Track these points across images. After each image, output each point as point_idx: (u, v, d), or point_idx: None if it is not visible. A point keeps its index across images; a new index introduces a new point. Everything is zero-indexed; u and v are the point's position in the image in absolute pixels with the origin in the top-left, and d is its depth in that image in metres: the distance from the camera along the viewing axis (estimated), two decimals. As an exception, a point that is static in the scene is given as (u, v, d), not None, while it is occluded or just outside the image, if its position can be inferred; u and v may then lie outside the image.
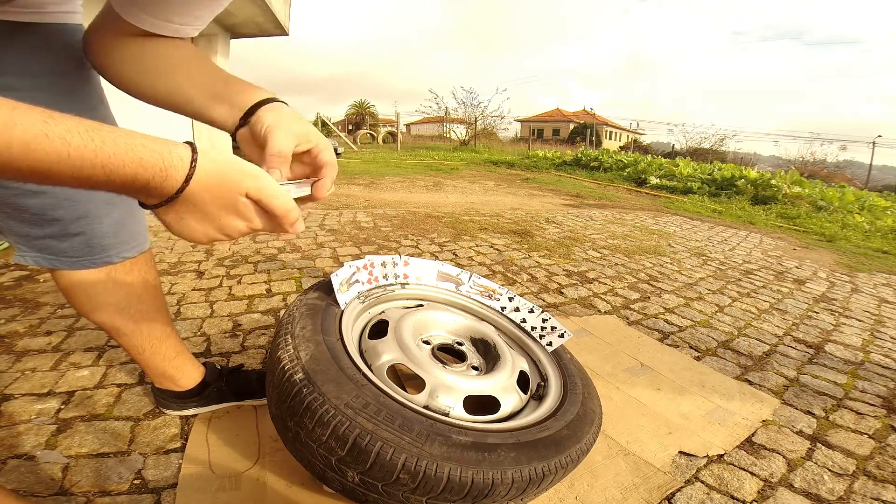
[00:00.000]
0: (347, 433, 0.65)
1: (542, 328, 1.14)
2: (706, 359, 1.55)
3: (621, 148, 23.85)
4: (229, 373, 1.10)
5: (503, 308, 1.22)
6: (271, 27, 5.46)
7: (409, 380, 1.15)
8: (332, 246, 2.59)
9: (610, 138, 37.14)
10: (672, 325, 1.81)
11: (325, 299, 0.92)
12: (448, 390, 0.83)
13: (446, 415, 0.80)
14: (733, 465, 1.05)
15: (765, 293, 2.30)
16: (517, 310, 1.20)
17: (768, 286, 2.43)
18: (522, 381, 0.97)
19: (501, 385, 0.89)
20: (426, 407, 0.80)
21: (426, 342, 1.02)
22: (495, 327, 1.15)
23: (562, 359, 1.05)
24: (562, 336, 1.09)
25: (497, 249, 2.72)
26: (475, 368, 1.00)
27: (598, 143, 25.91)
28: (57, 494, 0.83)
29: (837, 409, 1.32)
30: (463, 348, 1.05)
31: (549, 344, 1.09)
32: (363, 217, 3.42)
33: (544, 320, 1.15)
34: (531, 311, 1.19)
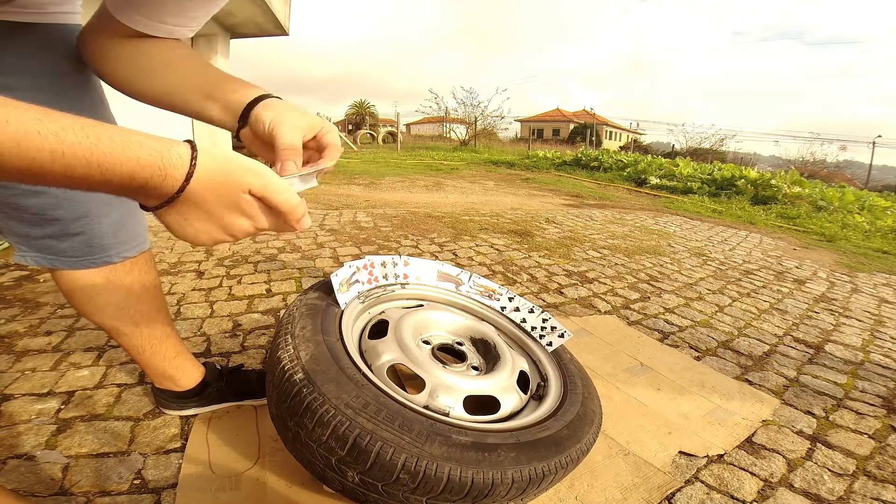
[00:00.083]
0: (347, 433, 0.65)
1: (542, 328, 1.14)
2: (706, 359, 1.55)
3: (621, 148, 23.85)
4: (229, 373, 1.10)
5: (503, 308, 1.22)
6: (271, 27, 5.47)
7: (409, 380, 1.15)
8: (332, 246, 2.59)
9: (610, 138, 37.14)
10: (672, 325, 1.80)
11: (325, 299, 0.92)
12: (448, 390, 0.83)
13: (446, 415, 0.80)
14: (733, 465, 1.05)
15: (765, 293, 2.30)
16: (517, 310, 1.20)
17: (768, 286, 2.43)
18: (522, 381, 0.97)
19: (501, 385, 0.89)
20: (426, 407, 0.80)
21: (426, 342, 1.02)
22: (495, 327, 1.15)
23: (562, 359, 1.05)
24: (562, 336, 1.09)
25: (497, 249, 2.72)
26: (475, 368, 1.00)
27: (598, 143, 25.90)
28: (57, 494, 0.83)
29: (837, 409, 1.32)
30: (463, 348, 1.05)
31: (549, 344, 1.09)
32: (363, 217, 3.42)
33: (544, 320, 1.15)
34: (531, 311, 1.19)
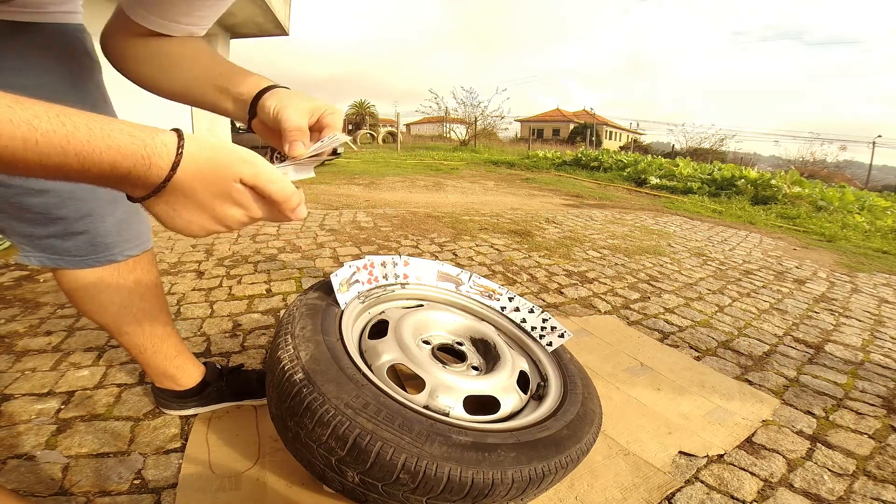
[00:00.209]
0: (347, 433, 0.65)
1: (542, 328, 1.14)
2: (706, 359, 1.55)
3: (621, 148, 23.84)
4: (229, 372, 1.10)
5: (503, 308, 1.22)
6: (271, 27, 5.47)
7: (409, 380, 1.15)
8: (332, 246, 2.59)
9: (610, 138, 37.13)
10: (672, 325, 1.80)
11: (325, 299, 0.92)
12: (448, 390, 0.83)
13: (446, 415, 0.80)
14: (733, 465, 1.05)
15: (765, 293, 2.30)
16: (517, 310, 1.20)
17: (768, 286, 2.43)
18: (522, 381, 0.97)
19: (501, 385, 0.89)
20: (426, 407, 0.80)
21: (426, 342, 1.02)
22: (495, 327, 1.15)
23: (562, 359, 1.05)
24: (562, 336, 1.09)
25: (497, 249, 2.72)
26: (475, 368, 1.00)
27: (598, 143, 25.90)
28: (57, 494, 0.83)
29: (837, 409, 1.32)
30: (463, 348, 1.05)
31: (549, 344, 1.09)
32: (363, 217, 3.42)
33: (544, 320, 1.15)
34: (531, 311, 1.19)
